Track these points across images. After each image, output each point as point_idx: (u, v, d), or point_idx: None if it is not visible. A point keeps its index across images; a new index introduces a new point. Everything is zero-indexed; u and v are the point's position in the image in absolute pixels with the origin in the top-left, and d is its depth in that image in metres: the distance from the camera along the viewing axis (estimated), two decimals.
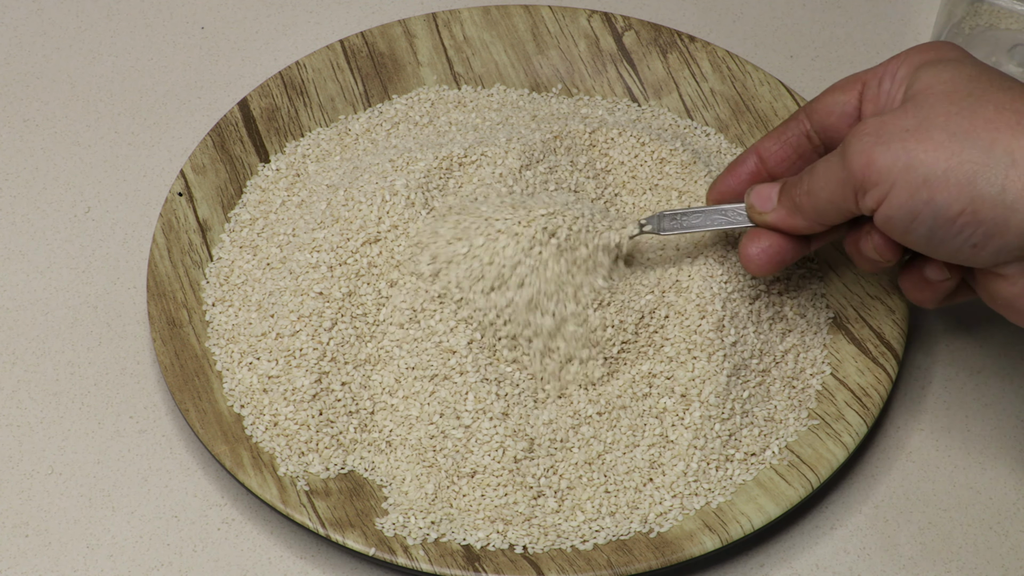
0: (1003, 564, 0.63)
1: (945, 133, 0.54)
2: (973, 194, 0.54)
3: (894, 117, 0.56)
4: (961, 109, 0.55)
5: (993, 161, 0.54)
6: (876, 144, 0.56)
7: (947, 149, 0.54)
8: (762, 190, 0.62)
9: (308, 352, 0.65)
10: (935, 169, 0.54)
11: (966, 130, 0.54)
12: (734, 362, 0.65)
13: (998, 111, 0.54)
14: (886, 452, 0.67)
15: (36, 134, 0.78)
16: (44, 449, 0.66)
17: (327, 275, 0.66)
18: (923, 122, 0.55)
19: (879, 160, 0.55)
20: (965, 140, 0.54)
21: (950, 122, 0.55)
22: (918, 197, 0.55)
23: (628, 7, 0.84)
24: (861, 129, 0.56)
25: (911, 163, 0.55)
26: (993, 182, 0.53)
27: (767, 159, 0.64)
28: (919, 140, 0.55)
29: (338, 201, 0.68)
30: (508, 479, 0.62)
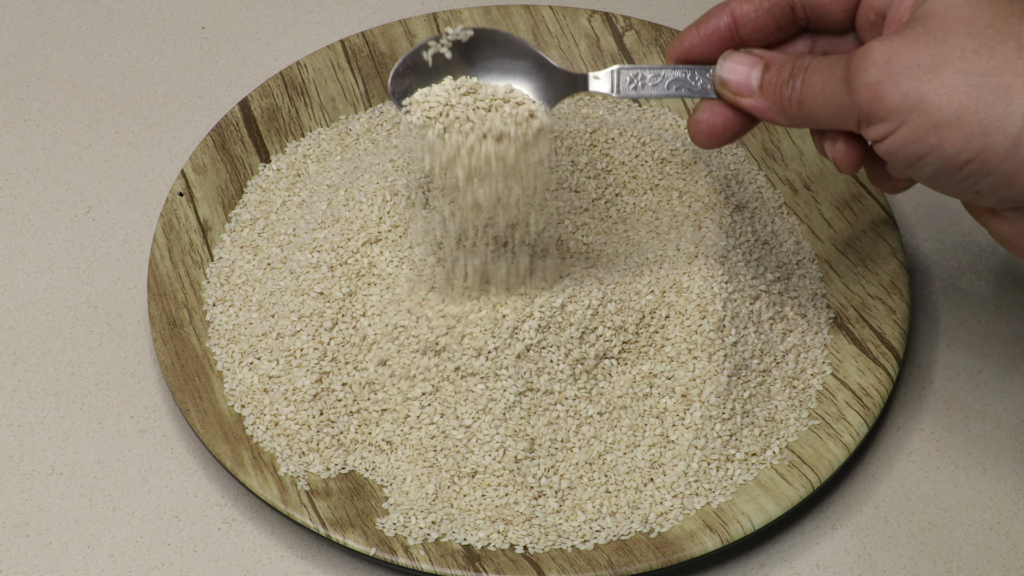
0: (1003, 564, 0.63)
1: (961, 74, 0.51)
2: (985, 144, 0.51)
3: (907, 47, 0.52)
4: (979, 45, 0.51)
5: (1010, 110, 0.50)
6: (886, 79, 0.52)
7: (962, 93, 0.51)
8: (738, 67, 0.57)
9: (309, 352, 0.65)
10: (947, 114, 0.51)
11: (984, 71, 0.50)
12: (735, 362, 0.65)
13: (1019, 51, 0.50)
14: (886, 452, 0.67)
15: (36, 134, 0.78)
16: (44, 449, 0.66)
17: (328, 275, 0.66)
18: (937, 57, 0.51)
19: (888, 97, 0.52)
20: (982, 84, 0.50)
21: (967, 60, 0.51)
22: (926, 141, 0.52)
23: (629, 7, 0.84)
24: (869, 57, 0.52)
25: (923, 104, 0.51)
26: (1008, 133, 0.50)
27: (742, 23, 0.58)
28: (932, 79, 0.51)
29: (339, 201, 0.68)
30: (509, 479, 0.62)
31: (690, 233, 0.68)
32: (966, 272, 0.73)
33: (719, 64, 0.58)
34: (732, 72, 0.57)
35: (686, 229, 0.68)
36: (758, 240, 0.69)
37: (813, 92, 0.55)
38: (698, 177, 0.70)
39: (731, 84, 0.57)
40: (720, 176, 0.71)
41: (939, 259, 0.73)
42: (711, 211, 0.68)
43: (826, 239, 0.71)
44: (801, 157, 0.74)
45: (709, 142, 0.59)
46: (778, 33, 0.59)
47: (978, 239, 0.74)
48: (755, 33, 0.58)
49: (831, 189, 0.72)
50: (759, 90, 0.57)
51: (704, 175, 0.70)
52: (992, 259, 0.73)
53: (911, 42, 0.52)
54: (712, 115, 0.58)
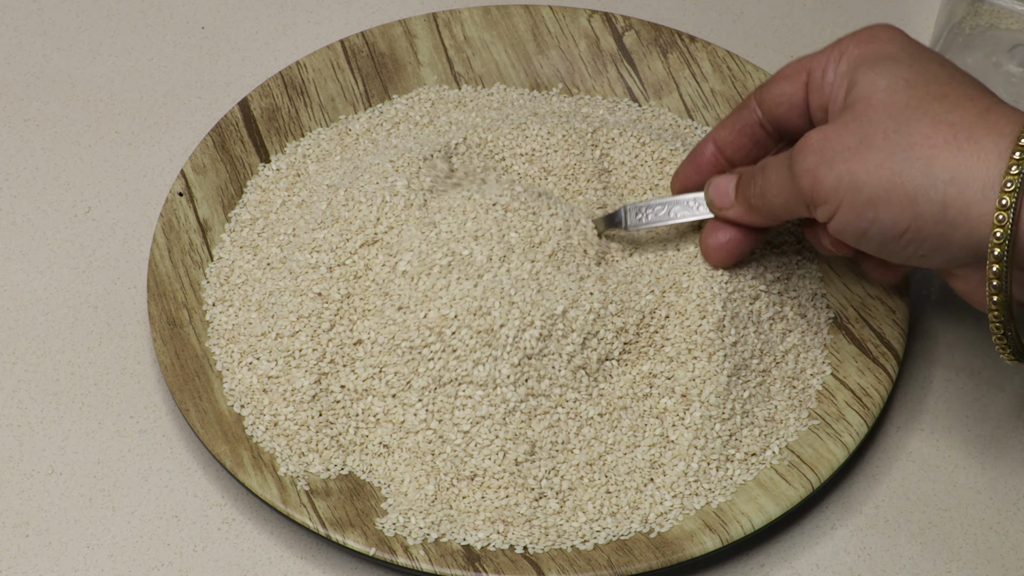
0: (1003, 564, 0.63)
1: (884, 152, 0.55)
2: (915, 212, 0.55)
3: (836, 134, 0.57)
4: (899, 125, 0.55)
5: (932, 179, 0.54)
6: (820, 164, 0.57)
7: (888, 169, 0.55)
8: (719, 185, 0.64)
9: (308, 353, 0.65)
10: (877, 189, 0.55)
11: (904, 147, 0.55)
12: (734, 362, 0.65)
13: (934, 126, 0.55)
14: (886, 452, 0.67)
15: (36, 134, 0.78)
16: (44, 449, 0.66)
17: (326, 276, 0.66)
18: (863, 140, 0.56)
19: (824, 181, 0.56)
20: (904, 159, 0.55)
21: (889, 140, 0.55)
22: (864, 216, 0.56)
23: (628, 7, 0.84)
24: (806, 145, 0.57)
25: (855, 184, 0.56)
26: (933, 200, 0.54)
27: (724, 148, 0.65)
28: (861, 160, 0.56)
29: (338, 201, 0.68)
30: (509, 481, 0.62)
31: (690, 233, 0.68)
32: None
33: (705, 189, 0.65)
34: (715, 191, 0.64)
35: (685, 229, 0.68)
36: None
37: (769, 184, 0.61)
38: None
39: (716, 201, 0.64)
40: None
41: None
42: None
43: None
44: None
45: (721, 258, 0.65)
46: (756, 149, 0.65)
47: None
48: (736, 153, 0.65)
49: None
50: (735, 199, 0.63)
51: None
52: None
53: (841, 128, 0.57)
54: (717, 236, 0.65)
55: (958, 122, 0.55)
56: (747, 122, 0.64)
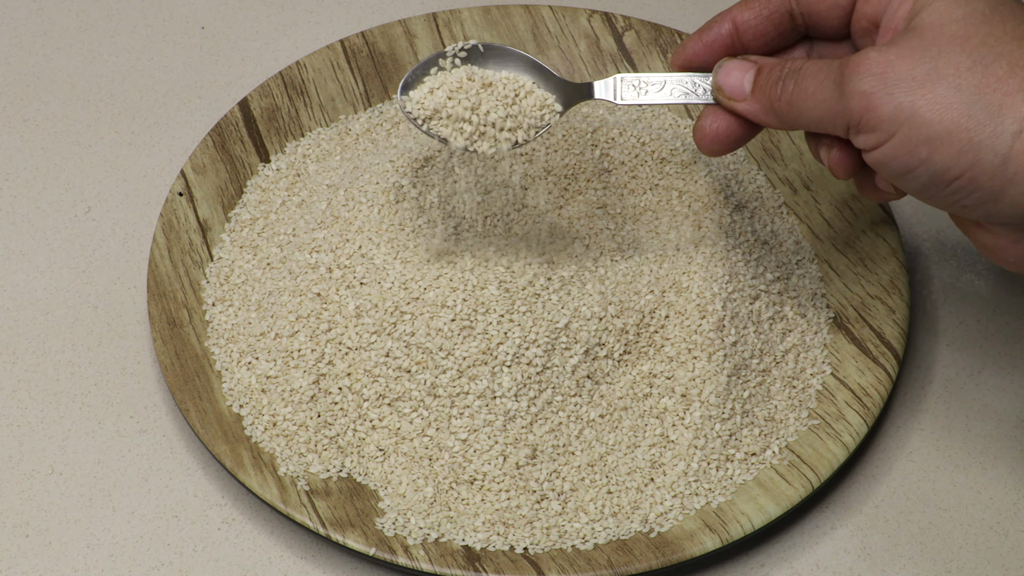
0: (1003, 564, 0.63)
1: (953, 90, 0.51)
2: (974, 160, 0.51)
3: (901, 59, 0.52)
4: (973, 63, 0.51)
5: (1000, 129, 0.51)
6: (880, 90, 0.52)
7: (954, 109, 0.51)
8: (732, 71, 0.58)
9: (307, 353, 0.65)
10: (939, 129, 0.51)
11: (976, 88, 0.51)
12: (734, 362, 0.65)
13: (1011, 70, 0.51)
14: (886, 452, 0.67)
15: (36, 134, 0.78)
16: (44, 449, 0.66)
17: (326, 276, 0.66)
18: (931, 72, 0.52)
19: (881, 108, 0.52)
20: (974, 101, 0.51)
21: (960, 76, 0.51)
22: (916, 154, 0.52)
23: (628, 7, 0.84)
24: (864, 66, 0.53)
25: (915, 118, 0.52)
26: (997, 151, 0.51)
27: (743, 30, 0.59)
28: (926, 94, 0.51)
29: (338, 201, 0.68)
30: (511, 484, 0.62)
31: (690, 233, 0.68)
32: (966, 272, 0.73)
33: (715, 70, 0.59)
34: (727, 77, 0.58)
35: (686, 229, 0.68)
36: (758, 240, 0.69)
37: (804, 94, 0.55)
38: (698, 177, 0.70)
39: (726, 89, 0.58)
40: (720, 176, 0.71)
41: (938, 259, 0.73)
42: (711, 211, 0.68)
43: (826, 239, 0.71)
44: (801, 157, 0.74)
45: (714, 148, 0.59)
46: (778, 40, 0.59)
47: None
48: (756, 40, 0.59)
49: (831, 189, 0.72)
50: (751, 93, 0.57)
51: (704, 175, 0.70)
52: None
53: (906, 54, 0.52)
54: (714, 121, 0.59)
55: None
56: (777, 8, 0.58)
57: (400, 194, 0.68)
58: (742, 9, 0.59)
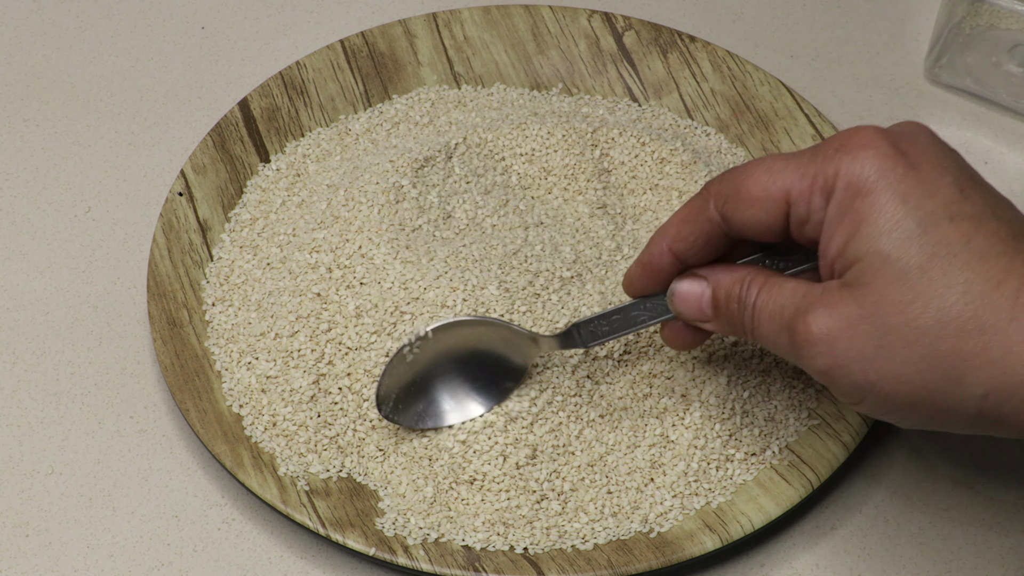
0: (1003, 564, 0.63)
1: (906, 365, 0.49)
2: (946, 420, 0.50)
3: (847, 335, 0.50)
4: (920, 335, 0.49)
5: (966, 394, 0.49)
6: (835, 368, 0.50)
7: (913, 383, 0.49)
8: (688, 295, 0.57)
9: (306, 354, 0.65)
10: (904, 401, 0.50)
11: (931, 359, 0.49)
12: (734, 362, 0.65)
13: (960, 338, 0.48)
14: (886, 452, 0.67)
15: (36, 134, 0.78)
16: (44, 449, 0.66)
17: (325, 276, 0.66)
18: (880, 350, 0.49)
19: (841, 384, 0.51)
20: (932, 372, 0.49)
21: (909, 350, 0.49)
22: (890, 414, 0.51)
23: (628, 7, 0.84)
24: (813, 340, 0.51)
25: (876, 391, 0.50)
26: (968, 412, 0.49)
27: (678, 251, 0.57)
28: (880, 370, 0.50)
29: (338, 201, 0.68)
30: (510, 484, 0.62)
31: None
32: None
33: (669, 300, 0.58)
34: (683, 303, 0.57)
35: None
36: None
37: (764, 334, 0.54)
38: (698, 177, 0.70)
39: (687, 316, 0.58)
40: None
41: None
42: None
43: None
44: None
45: (685, 347, 0.60)
46: (715, 251, 0.57)
47: None
48: (693, 256, 0.57)
49: None
50: (714, 317, 0.57)
51: (704, 175, 0.70)
52: None
53: (850, 327, 0.50)
54: (677, 329, 0.59)
55: (987, 323, 0.48)
56: (705, 227, 0.56)
57: (400, 194, 0.68)
58: (670, 228, 0.57)
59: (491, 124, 0.73)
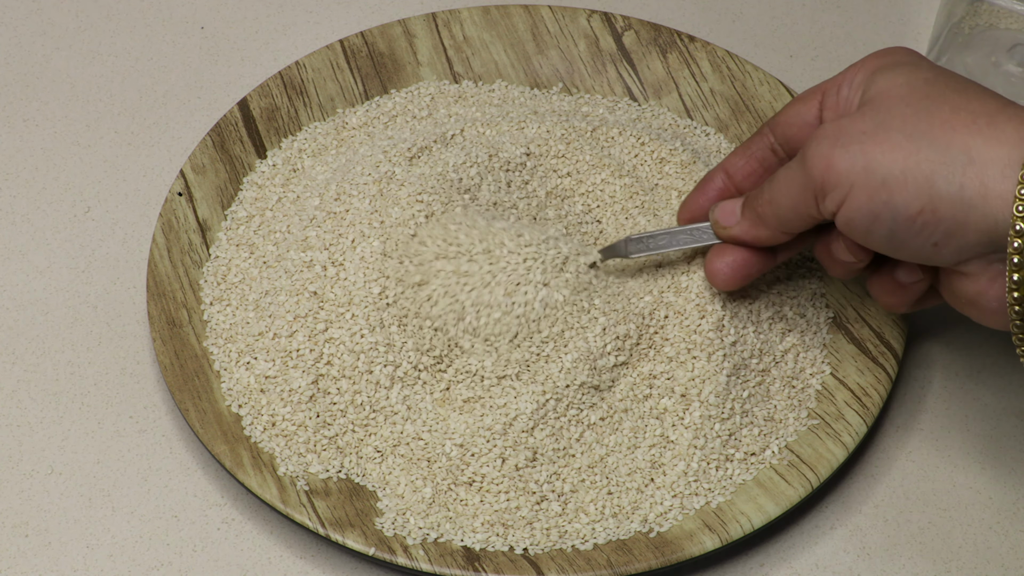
0: (1003, 564, 0.63)
1: (902, 135, 0.55)
2: (931, 193, 0.54)
3: (851, 121, 0.57)
4: (917, 111, 0.55)
5: (950, 159, 0.54)
6: (834, 147, 0.56)
7: (904, 150, 0.55)
8: (726, 205, 0.63)
9: (305, 353, 0.64)
10: (893, 170, 0.55)
11: (923, 131, 0.55)
12: (734, 362, 0.65)
13: (954, 112, 0.55)
14: (886, 452, 0.67)
15: (36, 134, 0.78)
16: (44, 449, 0.66)
17: (321, 274, 0.66)
18: (880, 124, 0.56)
19: (838, 163, 0.56)
20: (922, 140, 0.54)
21: (907, 124, 0.55)
22: (877, 198, 0.55)
23: (628, 7, 0.84)
24: (819, 133, 0.57)
25: (869, 165, 0.55)
26: (951, 180, 0.54)
27: (734, 175, 0.65)
28: (877, 142, 0.55)
29: (330, 196, 0.68)
30: (510, 485, 0.62)
31: None
32: None
33: (711, 211, 0.64)
34: (721, 212, 0.63)
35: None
36: None
37: (779, 187, 0.59)
38: (697, 177, 0.70)
39: (721, 219, 0.63)
40: None
41: None
42: None
43: None
44: None
45: (728, 283, 0.64)
46: (766, 175, 0.64)
47: None
48: (747, 179, 0.65)
49: None
50: (741, 215, 0.62)
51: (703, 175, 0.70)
52: None
53: (857, 117, 0.57)
54: (722, 258, 0.63)
55: (978, 110, 0.55)
56: (759, 147, 0.64)
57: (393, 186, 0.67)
58: (730, 158, 0.65)
59: (490, 120, 0.73)
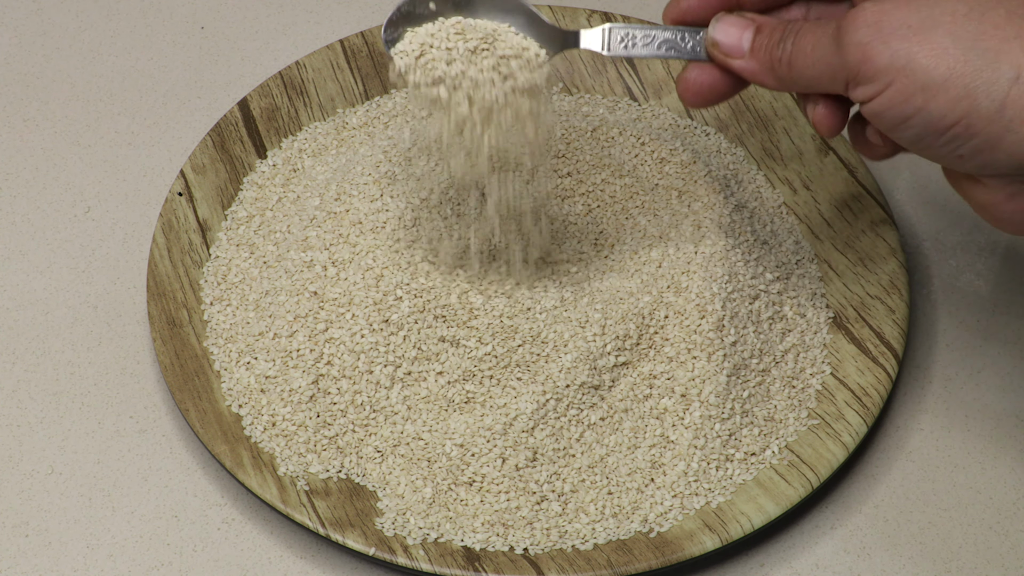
0: (1003, 564, 0.63)
1: (950, 37, 0.51)
2: (970, 107, 0.51)
3: (897, 8, 0.52)
4: (970, 10, 0.51)
5: (997, 75, 0.50)
6: (876, 39, 0.52)
7: (950, 56, 0.51)
8: (730, 29, 0.57)
9: (305, 353, 0.64)
10: (935, 76, 0.51)
11: (973, 35, 0.51)
12: (734, 362, 0.65)
13: (1009, 17, 0.51)
14: (886, 452, 0.67)
15: (36, 134, 0.78)
16: (44, 449, 0.66)
17: (321, 274, 0.66)
18: (927, 20, 0.51)
19: (878, 58, 0.52)
20: (970, 48, 0.51)
21: (956, 24, 0.51)
22: (912, 102, 0.52)
23: (628, 7, 0.84)
24: (860, 18, 0.53)
25: (911, 66, 0.51)
26: (994, 97, 0.51)
27: None
28: (922, 41, 0.51)
29: (330, 196, 0.68)
30: (510, 485, 0.62)
31: (689, 233, 0.68)
32: (965, 272, 0.73)
33: (711, 26, 0.58)
34: (724, 34, 0.57)
35: (685, 229, 0.68)
36: (757, 240, 0.69)
37: (803, 53, 0.55)
38: (697, 177, 0.70)
39: (722, 45, 0.57)
40: (719, 176, 0.71)
41: (938, 259, 0.73)
42: (710, 211, 0.68)
43: (825, 239, 0.71)
44: (800, 157, 0.74)
45: (696, 101, 0.59)
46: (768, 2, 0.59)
47: (977, 239, 0.74)
48: None
49: (830, 189, 0.72)
50: (750, 52, 0.57)
51: (703, 175, 0.70)
52: (991, 259, 0.73)
53: (902, 4, 0.52)
54: (701, 75, 0.58)
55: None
56: None
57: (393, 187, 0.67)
58: None
59: None
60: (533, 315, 0.64)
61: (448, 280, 0.64)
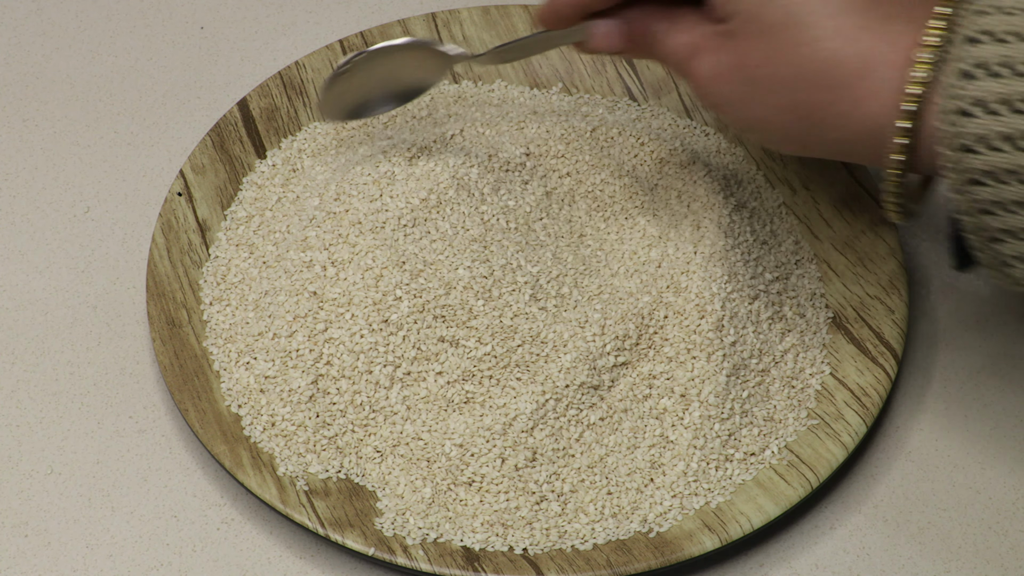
0: (1003, 564, 0.63)
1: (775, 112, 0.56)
2: (808, 152, 0.57)
3: (733, 76, 0.57)
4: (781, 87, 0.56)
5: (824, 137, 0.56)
6: (720, 105, 0.57)
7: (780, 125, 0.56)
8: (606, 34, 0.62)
9: (305, 353, 0.64)
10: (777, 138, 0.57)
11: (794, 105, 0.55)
12: (733, 362, 0.65)
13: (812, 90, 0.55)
14: (886, 452, 0.67)
15: (36, 134, 0.78)
16: (44, 449, 0.66)
17: (320, 274, 0.66)
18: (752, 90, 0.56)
19: (729, 117, 0.57)
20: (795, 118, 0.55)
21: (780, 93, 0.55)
22: (763, 143, 0.58)
23: None
24: (704, 72, 0.57)
25: (755, 129, 0.57)
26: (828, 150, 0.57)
27: None
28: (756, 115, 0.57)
29: (329, 196, 0.68)
30: (509, 485, 0.62)
31: (689, 233, 0.68)
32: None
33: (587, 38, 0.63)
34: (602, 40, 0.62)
35: (685, 229, 0.68)
36: (757, 240, 0.69)
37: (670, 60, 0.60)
38: (697, 177, 0.70)
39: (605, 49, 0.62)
40: (719, 176, 0.71)
41: (938, 259, 0.73)
42: (710, 211, 0.68)
43: (825, 239, 0.71)
44: (800, 157, 0.74)
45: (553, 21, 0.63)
46: None
47: None
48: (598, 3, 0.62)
49: (830, 189, 0.72)
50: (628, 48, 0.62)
51: (703, 175, 0.70)
52: None
53: (726, 74, 0.57)
54: None
55: None
56: None
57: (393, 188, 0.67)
58: None
59: (490, 120, 0.73)
60: (532, 315, 0.64)
61: (448, 280, 0.64)
